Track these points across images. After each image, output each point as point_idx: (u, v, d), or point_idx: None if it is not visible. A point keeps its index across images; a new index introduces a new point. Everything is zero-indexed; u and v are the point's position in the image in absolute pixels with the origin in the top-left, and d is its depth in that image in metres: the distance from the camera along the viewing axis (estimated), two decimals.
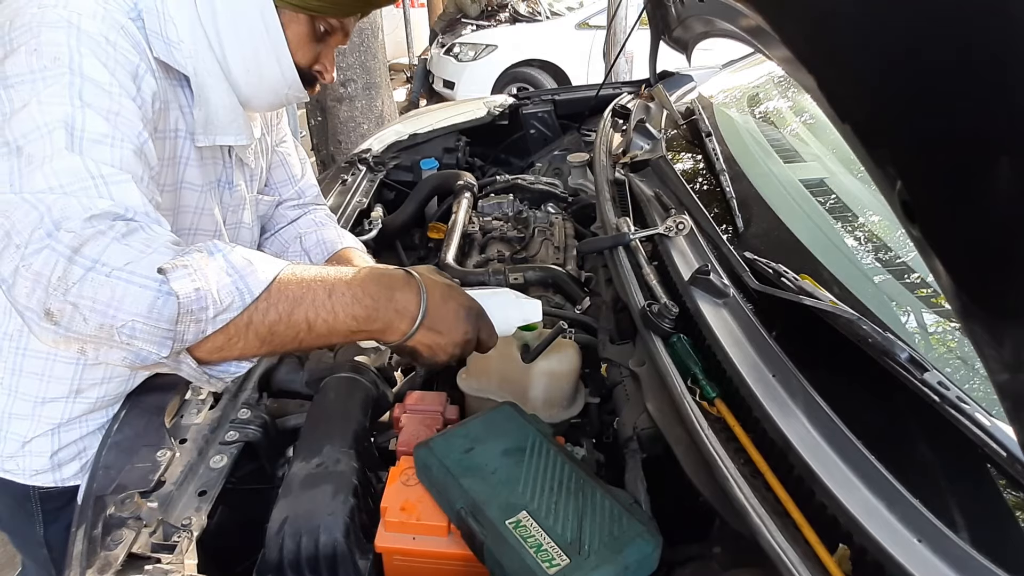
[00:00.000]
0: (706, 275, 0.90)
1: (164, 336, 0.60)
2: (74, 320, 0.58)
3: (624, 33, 3.87)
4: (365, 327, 0.71)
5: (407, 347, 0.75)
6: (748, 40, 1.13)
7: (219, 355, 0.66)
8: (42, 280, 0.57)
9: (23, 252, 0.57)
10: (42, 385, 0.86)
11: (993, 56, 0.39)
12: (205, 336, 0.63)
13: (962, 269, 0.49)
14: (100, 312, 0.58)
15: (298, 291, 0.66)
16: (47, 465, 0.90)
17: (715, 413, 0.77)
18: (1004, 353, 0.44)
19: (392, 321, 0.72)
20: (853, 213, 1.09)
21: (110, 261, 0.58)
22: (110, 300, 0.58)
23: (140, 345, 0.59)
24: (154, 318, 0.59)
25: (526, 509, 0.71)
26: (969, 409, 0.62)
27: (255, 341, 0.65)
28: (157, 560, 0.70)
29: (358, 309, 0.69)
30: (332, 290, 0.68)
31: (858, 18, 0.56)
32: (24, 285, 0.58)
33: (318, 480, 0.79)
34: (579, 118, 2.25)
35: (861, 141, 0.57)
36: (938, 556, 0.54)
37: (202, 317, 0.61)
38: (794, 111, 1.56)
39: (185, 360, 0.64)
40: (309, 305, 0.67)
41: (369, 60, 3.09)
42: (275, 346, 0.67)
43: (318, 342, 0.70)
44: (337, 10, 0.81)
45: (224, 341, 0.64)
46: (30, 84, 0.64)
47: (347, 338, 0.72)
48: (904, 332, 0.81)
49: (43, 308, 0.58)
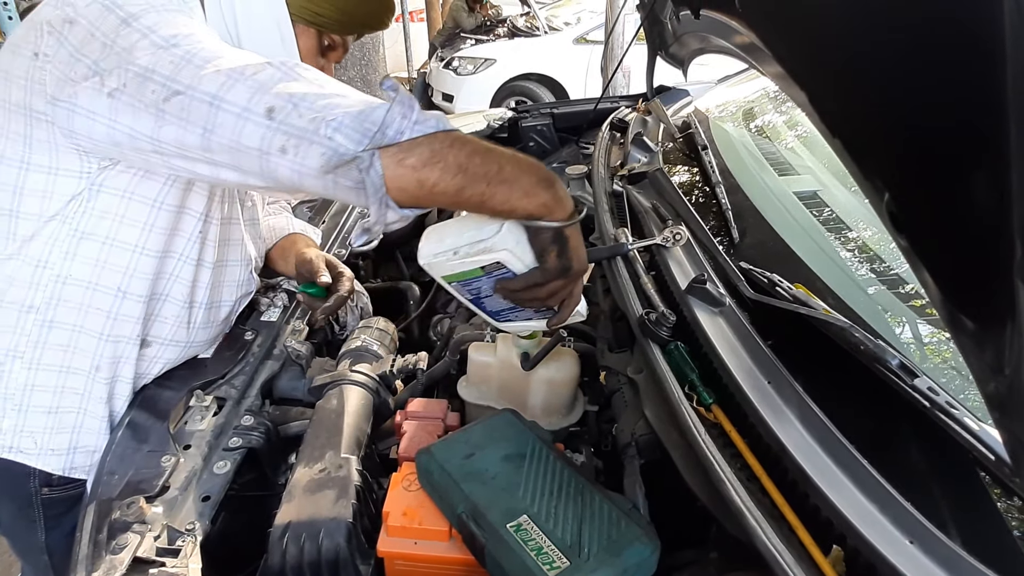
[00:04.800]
0: (702, 284, 0.92)
1: (365, 132, 0.63)
2: (290, 116, 0.63)
3: (621, 48, 3.92)
4: (545, 189, 0.70)
5: (566, 233, 0.72)
6: (742, 56, 1.16)
7: (417, 176, 0.66)
8: (265, 85, 0.64)
9: (251, 72, 0.66)
10: (67, 356, 0.87)
11: (972, 78, 0.41)
12: (403, 139, 0.64)
13: (947, 278, 0.51)
14: (317, 109, 0.63)
15: (486, 145, 0.69)
16: (65, 445, 0.90)
17: (712, 419, 0.78)
18: (986, 358, 0.45)
19: (563, 198, 0.71)
20: (846, 224, 1.12)
21: (326, 82, 0.66)
22: (327, 103, 0.64)
23: (340, 140, 0.63)
24: (363, 116, 0.63)
25: (526, 513, 0.72)
26: (958, 414, 0.64)
27: (453, 166, 0.66)
28: (162, 564, 0.71)
29: (539, 172, 0.70)
30: (515, 154, 0.71)
31: (847, 36, 0.59)
32: (246, 88, 0.65)
33: (321, 485, 0.80)
34: (577, 131, 2.28)
35: (850, 154, 0.60)
36: (929, 557, 0.55)
37: (408, 117, 0.64)
38: (788, 125, 1.59)
39: (376, 163, 0.65)
40: (499, 153, 0.69)
41: (370, 73, 3.13)
42: (468, 180, 0.67)
43: (501, 193, 0.68)
44: (343, 28, 0.85)
45: (428, 156, 0.65)
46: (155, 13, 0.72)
47: (527, 198, 0.69)
48: (896, 341, 0.83)
49: (265, 106, 0.64)
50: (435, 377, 1.14)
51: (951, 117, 0.43)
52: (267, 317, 1.15)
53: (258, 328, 1.12)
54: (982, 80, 0.39)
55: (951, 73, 0.43)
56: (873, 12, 0.53)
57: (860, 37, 0.55)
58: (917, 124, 0.49)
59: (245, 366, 1.03)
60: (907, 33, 0.48)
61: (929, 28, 0.46)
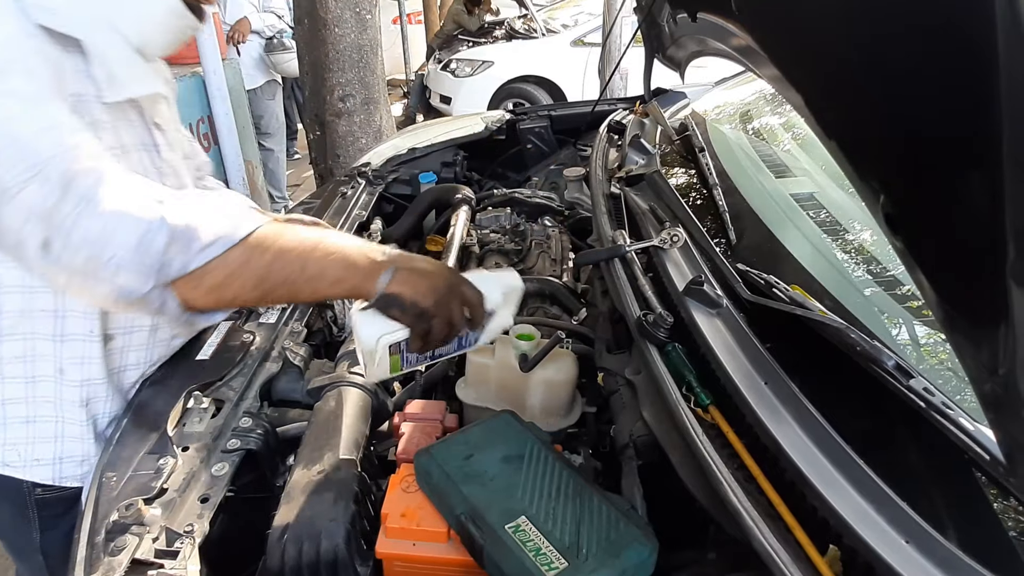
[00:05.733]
0: (700, 286, 0.92)
1: (148, 269, 0.62)
2: (64, 251, 0.60)
3: (619, 51, 3.93)
4: (352, 273, 0.72)
5: (390, 294, 0.74)
6: (739, 59, 1.17)
7: (215, 296, 0.67)
8: (35, 211, 0.60)
9: (17, 183, 0.60)
10: (28, 365, 0.86)
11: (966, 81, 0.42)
12: (188, 272, 0.64)
13: (942, 278, 0.51)
14: (90, 244, 0.60)
15: (287, 241, 0.69)
16: (49, 455, 0.89)
17: (709, 420, 0.79)
18: (981, 358, 0.46)
19: (369, 271, 0.73)
20: (842, 226, 1.12)
21: (103, 197, 0.61)
22: (101, 232, 0.60)
23: (124, 281, 0.61)
24: (142, 251, 0.61)
25: (525, 514, 0.73)
26: (954, 414, 0.64)
27: (252, 280, 0.67)
28: (160, 566, 0.71)
29: (346, 259, 0.72)
30: (318, 244, 0.71)
31: (843, 39, 0.59)
32: (18, 215, 0.60)
33: (319, 487, 0.80)
34: (575, 133, 2.28)
35: (847, 156, 0.60)
36: (925, 557, 0.55)
37: (190, 248, 0.63)
38: (785, 127, 1.60)
39: (169, 298, 0.65)
40: (305, 248, 0.69)
41: (368, 75, 3.13)
42: (269, 287, 0.68)
43: (307, 289, 0.71)
44: None
45: (223, 278, 0.65)
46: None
47: (335, 287, 0.73)
48: (892, 342, 0.84)
49: (40, 239, 0.60)
50: (433, 378, 1.15)
51: (946, 120, 0.44)
52: (265, 319, 1.15)
53: (256, 330, 1.12)
54: (976, 83, 0.40)
55: (946, 76, 0.44)
56: (869, 15, 0.54)
57: (856, 40, 0.56)
58: (912, 127, 0.49)
59: (243, 368, 1.03)
60: (902, 36, 0.48)
61: (924, 32, 0.46)
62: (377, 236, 1.63)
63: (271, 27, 3.79)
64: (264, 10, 3.81)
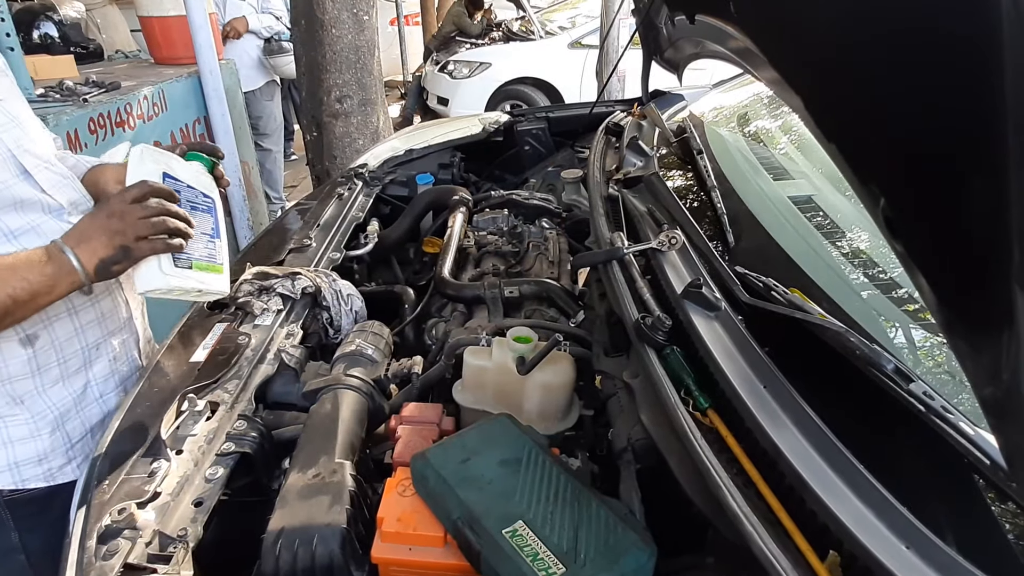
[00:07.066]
0: (698, 289, 0.92)
1: None
2: None
3: (617, 53, 3.93)
4: (38, 273, 0.79)
5: (97, 266, 0.82)
6: (737, 61, 1.17)
7: None
8: None
9: None
10: None
11: (969, 83, 0.42)
12: None
13: (943, 283, 0.51)
14: None
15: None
16: (3, 461, 0.89)
17: (708, 423, 0.78)
18: (983, 363, 0.45)
19: (55, 266, 0.79)
20: (841, 229, 1.12)
21: None
22: None
23: None
24: None
25: (522, 519, 0.72)
26: (954, 419, 0.64)
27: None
28: (153, 571, 0.70)
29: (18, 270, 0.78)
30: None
31: (843, 42, 0.59)
32: None
33: (314, 491, 0.80)
34: (573, 135, 2.29)
35: (846, 159, 0.60)
36: (925, 562, 0.55)
37: None
38: (783, 130, 1.60)
39: None
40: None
41: (365, 77, 3.12)
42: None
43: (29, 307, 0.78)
44: None
45: None
46: None
47: (40, 297, 0.80)
48: (891, 346, 0.83)
49: None
50: (430, 381, 1.14)
51: (948, 122, 0.43)
52: (261, 321, 1.14)
53: (251, 332, 1.11)
54: (979, 85, 0.39)
55: (948, 78, 0.43)
56: (869, 17, 0.53)
57: (855, 42, 0.56)
58: (913, 129, 0.49)
59: (238, 370, 1.02)
60: (904, 38, 0.48)
61: (926, 33, 0.46)
62: (374, 237, 1.62)
63: (268, 28, 3.78)
64: (262, 11, 3.80)
